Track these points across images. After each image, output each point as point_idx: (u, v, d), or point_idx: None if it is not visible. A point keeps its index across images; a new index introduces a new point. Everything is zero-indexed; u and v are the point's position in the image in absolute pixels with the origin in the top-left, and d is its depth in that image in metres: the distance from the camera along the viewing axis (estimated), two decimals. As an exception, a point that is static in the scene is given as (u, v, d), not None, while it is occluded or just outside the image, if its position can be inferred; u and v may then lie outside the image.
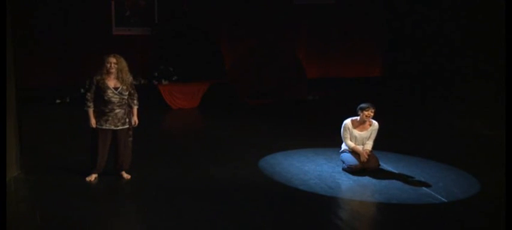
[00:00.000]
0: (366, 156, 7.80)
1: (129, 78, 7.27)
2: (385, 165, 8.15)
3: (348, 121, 7.93)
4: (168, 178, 7.65)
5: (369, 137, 7.90)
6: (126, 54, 13.08)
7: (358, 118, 7.90)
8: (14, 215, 6.20)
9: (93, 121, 7.21)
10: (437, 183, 7.53)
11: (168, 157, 8.70)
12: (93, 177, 7.36)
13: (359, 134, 7.88)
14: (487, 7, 11.36)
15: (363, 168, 7.80)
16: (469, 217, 6.61)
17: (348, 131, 7.91)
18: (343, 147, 8.05)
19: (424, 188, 7.36)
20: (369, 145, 7.89)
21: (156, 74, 12.84)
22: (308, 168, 8.08)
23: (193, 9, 13.40)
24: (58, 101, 12.52)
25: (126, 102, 7.29)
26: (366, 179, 7.64)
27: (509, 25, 6.91)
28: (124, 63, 7.24)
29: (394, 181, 7.62)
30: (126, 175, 7.49)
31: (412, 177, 7.78)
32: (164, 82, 12.72)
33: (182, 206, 6.63)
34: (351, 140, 7.92)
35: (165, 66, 12.93)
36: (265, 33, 13.82)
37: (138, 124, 7.49)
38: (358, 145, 7.91)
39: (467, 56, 12.01)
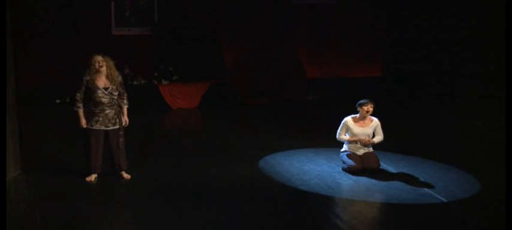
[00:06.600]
0: (367, 139, 7.81)
1: (118, 77, 7.25)
2: (385, 165, 8.15)
3: (348, 118, 7.94)
4: (168, 178, 7.65)
5: (375, 133, 7.92)
6: (126, 54, 13.13)
7: (358, 115, 7.92)
8: (14, 215, 6.20)
9: (83, 122, 7.21)
10: (437, 183, 7.52)
11: (168, 157, 8.70)
12: (93, 177, 7.36)
13: (360, 130, 7.88)
14: (488, 7, 11.35)
15: (363, 168, 7.81)
16: (469, 217, 6.62)
17: (345, 127, 7.92)
18: (344, 147, 8.05)
19: (424, 188, 7.36)
20: (375, 139, 7.91)
21: (156, 74, 12.83)
22: (308, 168, 8.08)
23: (193, 9, 13.39)
24: (58, 101, 12.52)
25: (116, 102, 7.27)
26: (366, 180, 7.64)
27: (510, 24, 6.91)
28: (111, 62, 7.22)
29: (394, 181, 7.62)
30: (126, 175, 7.49)
31: (412, 177, 7.78)
32: (164, 82, 12.72)
33: (182, 206, 6.64)
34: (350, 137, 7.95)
35: (165, 66, 12.92)
36: (265, 33, 13.81)
37: (131, 123, 7.46)
38: (358, 142, 7.90)
39: (467, 55, 12.00)
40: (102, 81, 7.15)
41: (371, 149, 8.00)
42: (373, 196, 7.22)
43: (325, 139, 9.08)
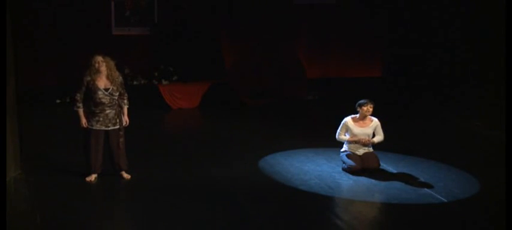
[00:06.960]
0: (367, 139, 7.82)
1: (118, 77, 7.26)
2: (385, 165, 8.15)
3: (348, 118, 7.95)
4: (168, 178, 7.66)
5: (375, 133, 7.93)
6: (126, 54, 13.14)
7: (357, 115, 7.93)
8: (14, 215, 6.20)
9: (83, 121, 7.22)
10: (437, 183, 7.53)
11: (168, 157, 8.70)
12: (93, 177, 7.37)
13: (360, 130, 7.88)
14: (488, 7, 11.34)
15: (363, 168, 7.81)
16: (469, 217, 6.62)
17: (345, 127, 7.93)
18: (344, 147, 8.05)
19: (424, 188, 7.36)
20: (375, 139, 7.92)
21: (156, 74, 12.83)
22: (308, 168, 8.08)
23: (193, 9, 13.39)
24: (58, 101, 12.51)
25: (117, 102, 7.27)
26: (366, 180, 7.65)
27: (510, 24, 6.92)
28: (112, 62, 7.23)
29: (394, 181, 7.62)
30: (126, 175, 7.49)
31: (412, 177, 7.78)
32: (164, 82, 12.72)
33: (182, 206, 6.64)
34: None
35: (165, 66, 12.92)
36: (265, 33, 13.80)
37: (130, 123, 7.48)
38: (358, 142, 7.90)
39: (467, 55, 11.99)
40: (102, 82, 7.15)
41: (371, 149, 8.00)
42: (373, 196, 7.22)
43: (325, 139, 9.08)
